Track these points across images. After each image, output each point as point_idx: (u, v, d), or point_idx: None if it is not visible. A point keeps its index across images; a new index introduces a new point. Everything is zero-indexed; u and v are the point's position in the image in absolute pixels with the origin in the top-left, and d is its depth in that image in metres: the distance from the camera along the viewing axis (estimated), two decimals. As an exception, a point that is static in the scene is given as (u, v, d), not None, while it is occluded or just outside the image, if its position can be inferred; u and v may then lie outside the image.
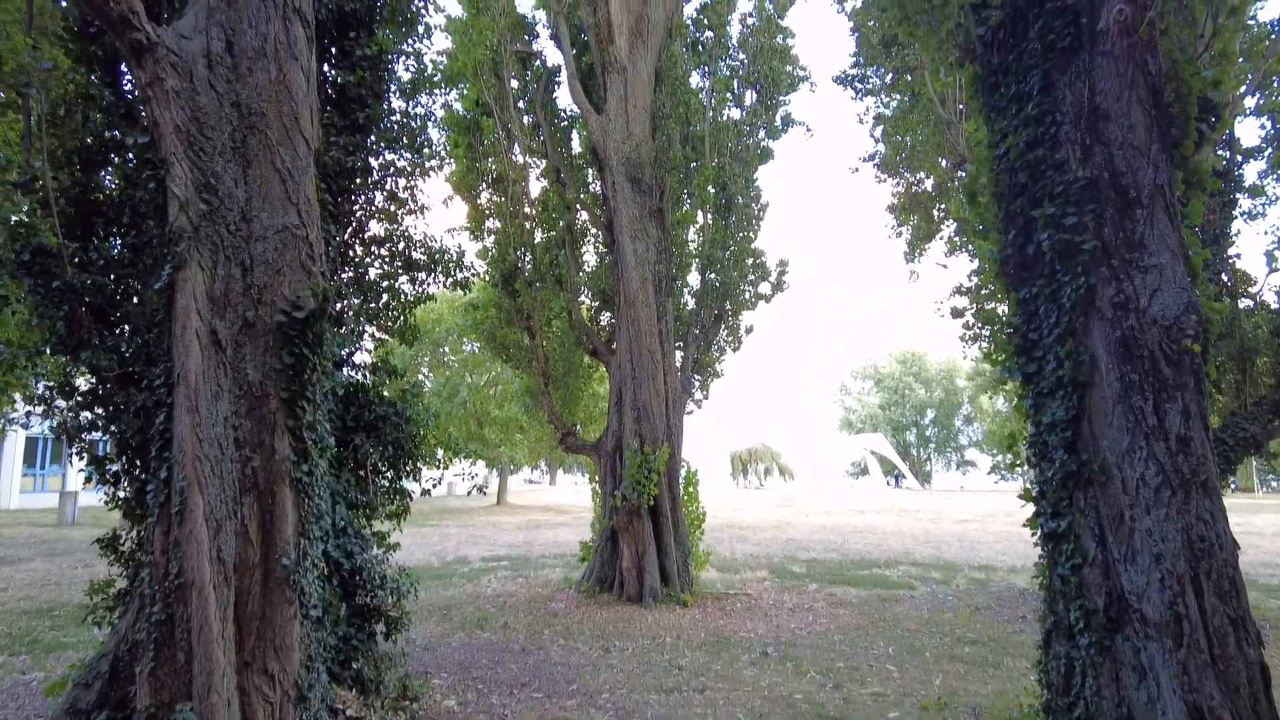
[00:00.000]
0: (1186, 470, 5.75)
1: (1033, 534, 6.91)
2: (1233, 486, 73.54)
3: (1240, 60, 15.72)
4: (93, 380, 8.24)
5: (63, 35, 8.74)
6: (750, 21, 18.65)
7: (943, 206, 21.22)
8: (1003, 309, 8.23)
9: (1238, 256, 17.44)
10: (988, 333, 15.71)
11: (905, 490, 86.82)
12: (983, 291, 16.65)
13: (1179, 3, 7.86)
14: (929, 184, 21.78)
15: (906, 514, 44.09)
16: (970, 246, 17.77)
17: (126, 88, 9.13)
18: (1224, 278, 17.08)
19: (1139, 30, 6.73)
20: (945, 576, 19.17)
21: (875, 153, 22.00)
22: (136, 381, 7.61)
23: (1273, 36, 16.20)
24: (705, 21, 18.70)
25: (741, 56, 18.70)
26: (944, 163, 20.17)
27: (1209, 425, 6.10)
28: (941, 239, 22.04)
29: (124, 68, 8.90)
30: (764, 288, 18.44)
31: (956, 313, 18.89)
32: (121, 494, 7.76)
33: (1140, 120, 6.68)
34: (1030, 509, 6.94)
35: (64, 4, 9.09)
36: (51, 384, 8.17)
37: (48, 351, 8.58)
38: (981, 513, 44.97)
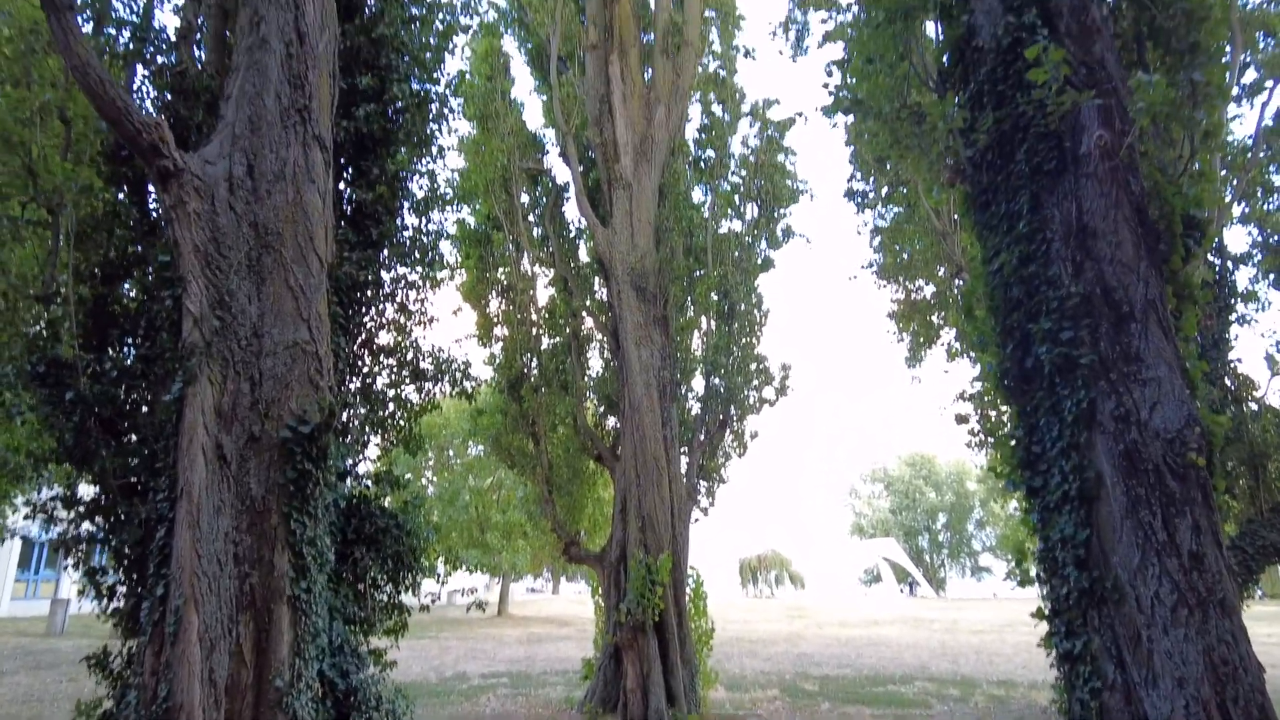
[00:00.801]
0: (1202, 588, 5.62)
1: (1048, 653, 6.70)
2: (1259, 594, 71.13)
3: (1222, 173, 16.27)
4: (96, 490, 8.25)
5: (97, 159, 9.21)
6: (752, 142, 19.52)
7: (942, 314, 21.55)
8: (1005, 418, 8.25)
9: (1239, 361, 17.54)
10: (993, 440, 15.66)
11: (920, 598, 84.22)
12: (985, 399, 16.70)
13: (1156, 127, 8.25)
14: (928, 292, 22.19)
15: (922, 624, 42.62)
16: (971, 353, 17.94)
17: (152, 205, 9.54)
18: (1227, 383, 17.12)
19: (1119, 154, 7.05)
20: (963, 693, 18.38)
21: (874, 261, 22.53)
22: (140, 493, 7.61)
23: (1250, 151, 16.82)
24: (706, 140, 19.57)
25: (742, 173, 19.46)
26: (941, 271, 20.62)
27: (1221, 541, 6.00)
28: (942, 345, 22.27)
29: (151, 187, 9.32)
30: (768, 392, 18.53)
31: (960, 419, 18.85)
32: (116, 605, 7.63)
33: (1128, 237, 6.90)
34: (1044, 627, 6.75)
35: (103, 129, 9.60)
36: (54, 495, 8.17)
37: (54, 461, 8.63)
38: (999, 622, 43.47)
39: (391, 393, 9.87)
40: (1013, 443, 7.20)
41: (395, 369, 9.91)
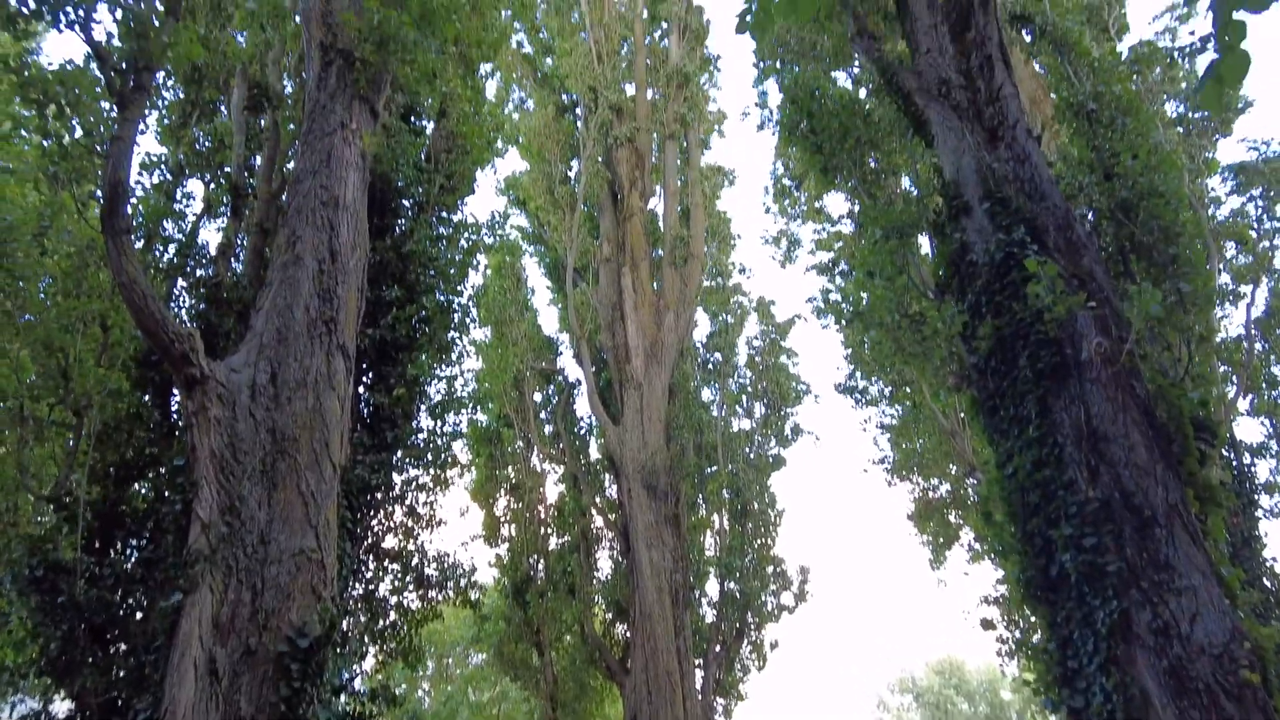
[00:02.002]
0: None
1: None
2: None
3: (1223, 369, 16.54)
4: (72, 708, 7.76)
5: (129, 363, 9.55)
6: (756, 344, 20.23)
7: (959, 513, 21.11)
8: (1034, 625, 7.83)
9: (1275, 560, 16.83)
10: (1025, 649, 14.74)
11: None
12: (1011, 605, 15.93)
13: (1152, 332, 8.51)
14: (943, 490, 21.88)
15: None
16: (993, 556, 17.36)
17: (174, 408, 9.77)
18: (1266, 583, 16.34)
19: (1120, 360, 7.22)
20: None
21: (885, 458, 22.42)
22: (121, 711, 7.16)
23: (1245, 348, 17.17)
24: (714, 344, 20.29)
25: (748, 374, 19.99)
26: (954, 469, 20.44)
27: (1292, 773, 5.47)
28: (962, 545, 21.61)
29: (174, 390, 9.58)
30: (786, 597, 17.79)
31: (987, 624, 17.91)
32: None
33: (1139, 440, 6.89)
34: None
35: (138, 335, 10.04)
36: (27, 715, 7.68)
37: (33, 675, 8.20)
38: None
39: (394, 600, 9.54)
40: (1046, 656, 6.79)
41: (400, 574, 9.64)
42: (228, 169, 11.19)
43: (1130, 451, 6.77)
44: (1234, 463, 16.84)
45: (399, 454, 9.47)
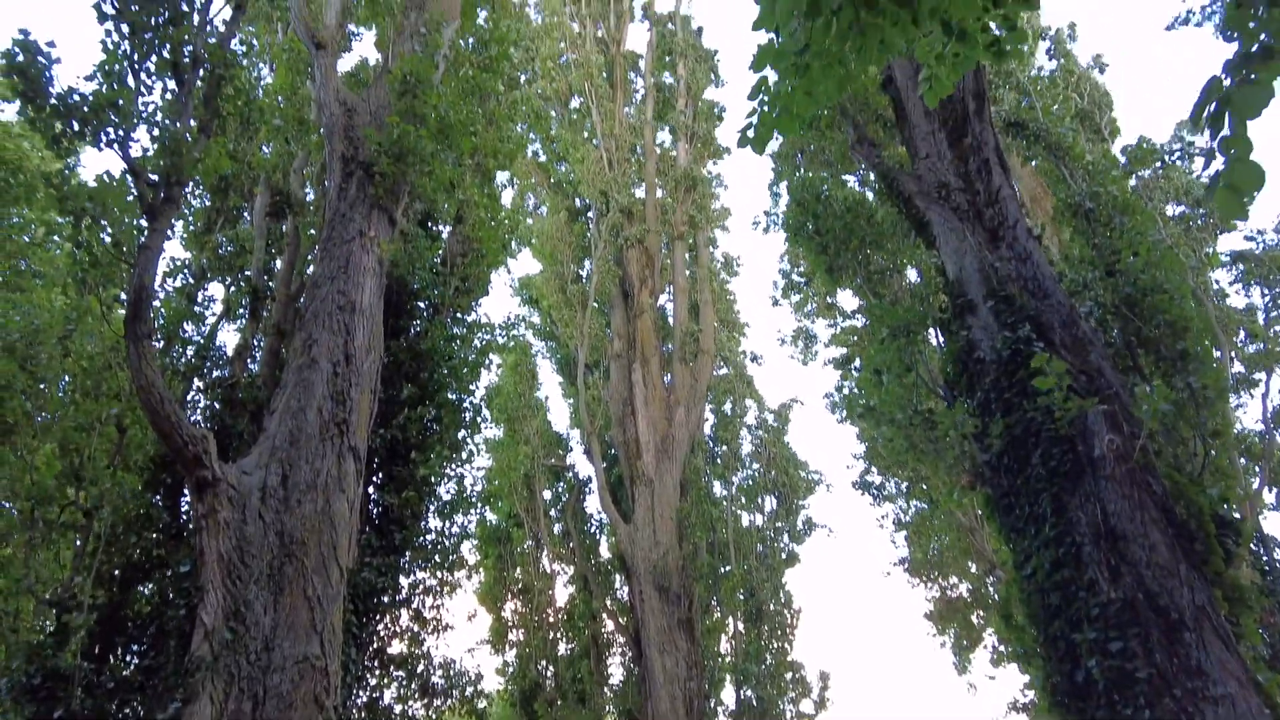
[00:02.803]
0: None
1: None
2: None
3: (1242, 461, 16.24)
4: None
5: (142, 465, 9.60)
6: (759, 434, 20.12)
7: (981, 613, 20.44)
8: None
9: (1316, 666, 16.06)
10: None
11: None
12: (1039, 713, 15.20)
13: (1165, 428, 8.46)
14: (963, 589, 21.26)
15: None
16: (1018, 660, 16.68)
17: (183, 510, 9.74)
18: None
19: (1134, 457, 7.15)
20: None
21: (904, 558, 21.90)
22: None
23: (1265, 440, 16.91)
24: (721, 435, 20.20)
25: (756, 465, 19.83)
26: (974, 568, 19.92)
27: None
28: (985, 648, 20.81)
29: (185, 491, 9.58)
30: (806, 705, 17.04)
31: (1019, 735, 17.06)
32: None
33: (1160, 539, 6.75)
34: None
35: (152, 437, 10.12)
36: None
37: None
38: None
39: (399, 709, 9.22)
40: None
41: (405, 682, 9.35)
42: (248, 272, 11.53)
43: (1151, 551, 6.62)
44: (1265, 560, 16.32)
45: (407, 556, 9.35)
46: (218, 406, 10.23)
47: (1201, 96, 3.42)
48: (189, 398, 10.79)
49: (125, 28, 7.93)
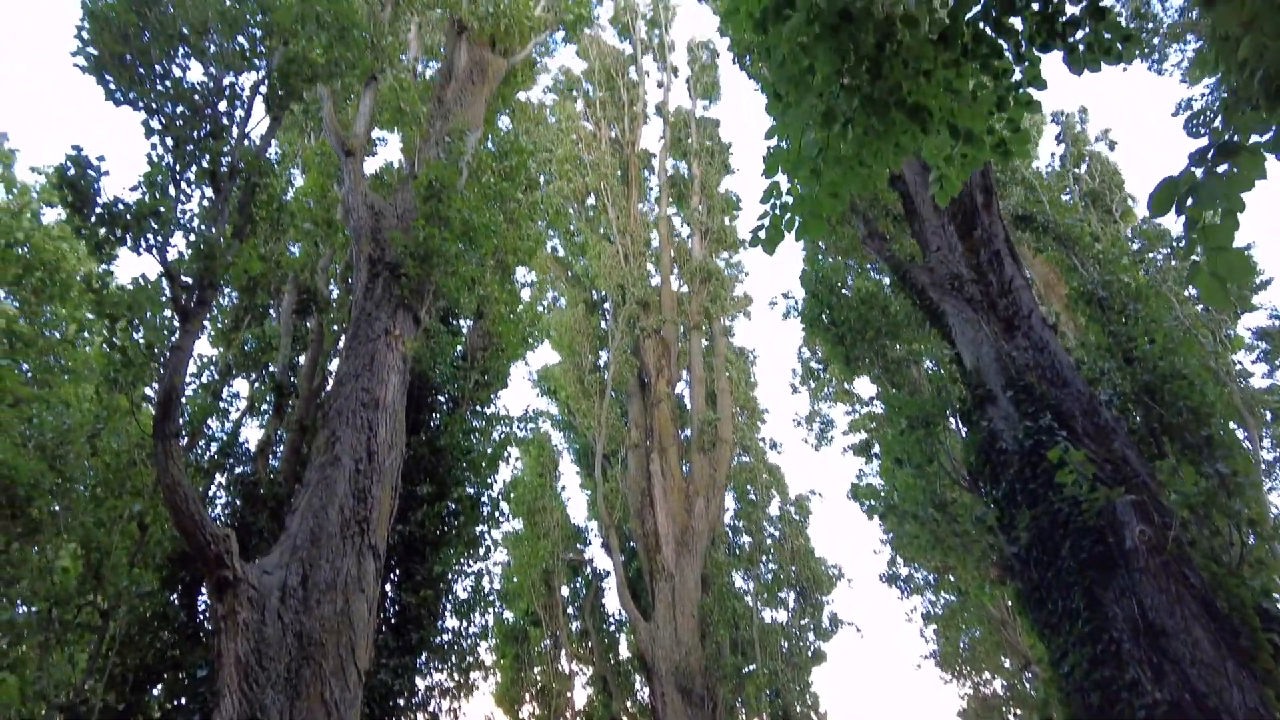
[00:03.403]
0: None
1: None
2: None
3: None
4: None
5: (161, 563, 9.58)
6: (781, 526, 19.82)
7: (1018, 712, 19.51)
8: None
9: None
10: None
11: None
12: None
13: (1197, 517, 8.28)
14: (997, 685, 20.38)
15: None
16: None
17: (201, 608, 9.65)
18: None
19: (1167, 547, 6.98)
20: None
21: (934, 651, 21.13)
22: None
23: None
24: (743, 527, 19.90)
25: (778, 559, 19.46)
26: (1007, 662, 19.15)
27: None
28: (1027, 751, 19.77)
29: (203, 590, 9.52)
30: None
31: None
32: None
33: (1203, 635, 6.52)
34: None
35: (173, 535, 10.13)
36: None
37: None
38: None
39: (412, 823, 8.86)
40: None
41: (419, 793, 9.02)
42: (273, 369, 11.75)
43: (1194, 648, 6.38)
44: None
45: (423, 657, 9.16)
46: (239, 503, 10.27)
47: (1160, 187, 3.55)
48: (211, 494, 10.86)
49: (170, 141, 8.40)
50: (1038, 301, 9.48)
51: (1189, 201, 3.44)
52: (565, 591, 18.41)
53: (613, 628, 18.60)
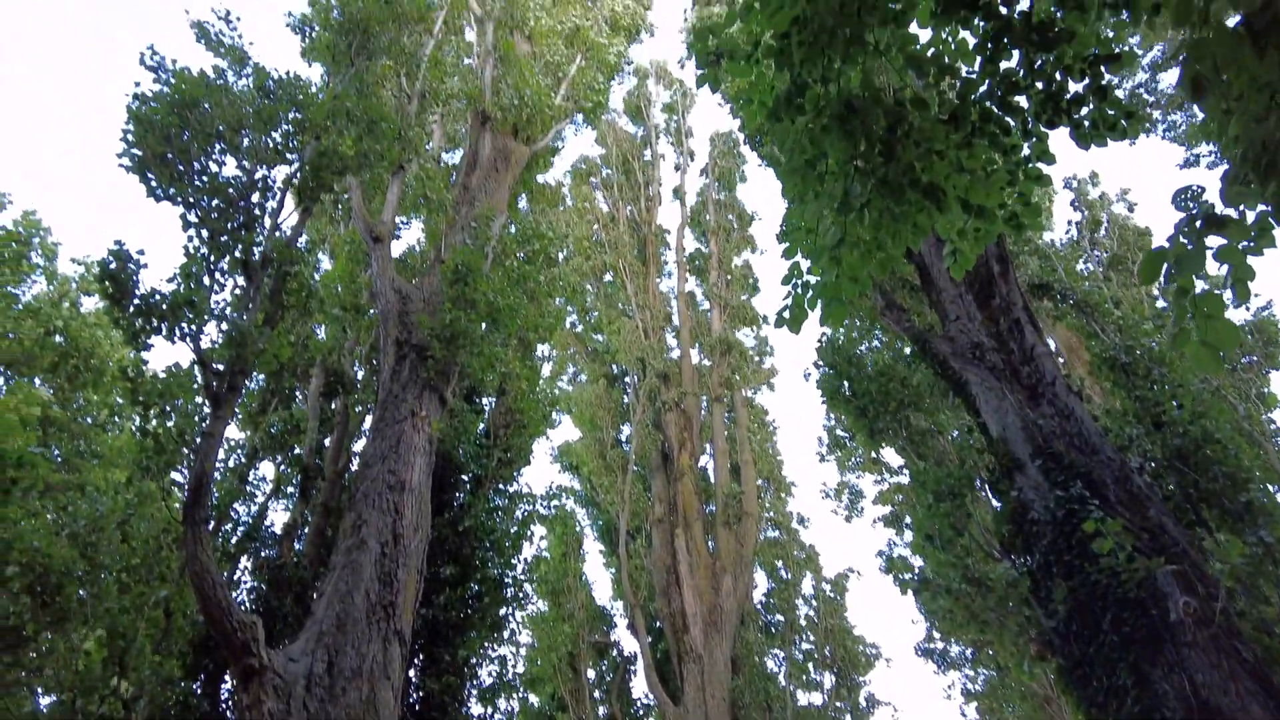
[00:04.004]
0: None
1: None
2: None
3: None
4: None
5: (183, 651, 9.51)
6: (815, 604, 19.32)
7: (1071, 800, 18.49)
8: None
9: None
10: None
11: None
12: None
13: (1244, 586, 8.02)
14: (1046, 770, 19.37)
15: None
16: None
17: (224, 696, 9.52)
18: None
19: (1215, 620, 6.75)
20: None
21: (976, 733, 20.20)
22: None
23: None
24: (774, 605, 19.43)
25: (812, 637, 18.93)
26: (1057, 746, 18.25)
27: None
28: (1082, 841, 18.65)
29: (226, 678, 9.41)
30: None
31: None
32: None
33: (1261, 715, 6.25)
34: None
35: (199, 621, 10.08)
36: None
37: None
38: None
39: None
40: None
41: None
42: (299, 451, 11.86)
43: (1252, 728, 6.11)
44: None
45: (449, 746, 8.95)
46: (264, 588, 10.23)
47: (1147, 258, 3.63)
48: (236, 578, 10.84)
49: (205, 232, 8.74)
50: (1060, 369, 9.44)
51: (1176, 270, 3.53)
52: (591, 675, 17.95)
53: (641, 712, 18.04)
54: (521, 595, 10.66)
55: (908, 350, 12.66)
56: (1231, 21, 3.44)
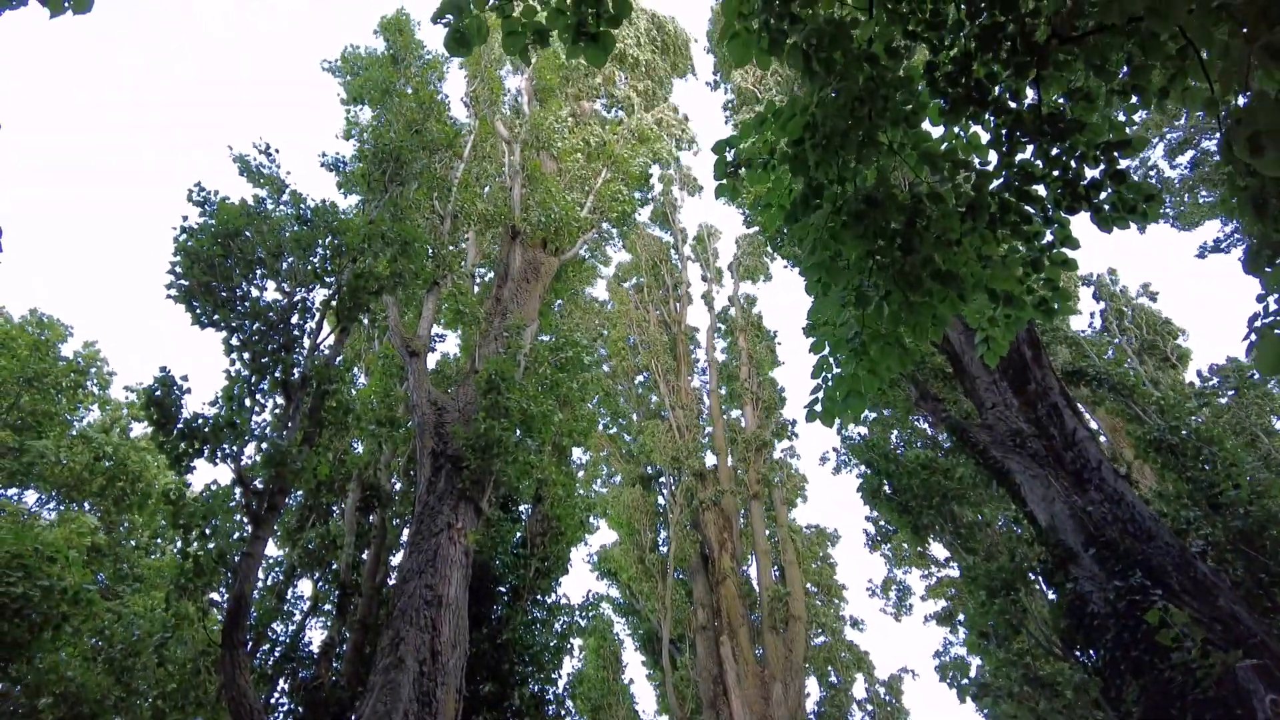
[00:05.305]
0: None
1: None
2: None
3: None
4: None
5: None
6: (869, 709, 18.36)
7: None
8: None
9: None
10: None
11: None
12: None
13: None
14: None
15: None
16: None
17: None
18: None
19: (1303, 721, 6.28)
20: None
21: None
22: None
23: None
24: (827, 713, 18.46)
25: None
26: None
27: None
28: None
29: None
30: None
31: None
32: None
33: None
34: None
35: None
36: None
37: None
38: None
39: None
40: None
41: None
42: (335, 566, 11.81)
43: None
44: None
45: None
46: (301, 710, 10.00)
47: (1264, 342, 3.52)
48: (273, 700, 10.62)
49: (247, 355, 9.05)
50: (1104, 452, 9.18)
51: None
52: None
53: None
54: (564, 713, 10.27)
55: (943, 441, 12.44)
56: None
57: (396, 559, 11.87)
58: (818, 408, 5.00)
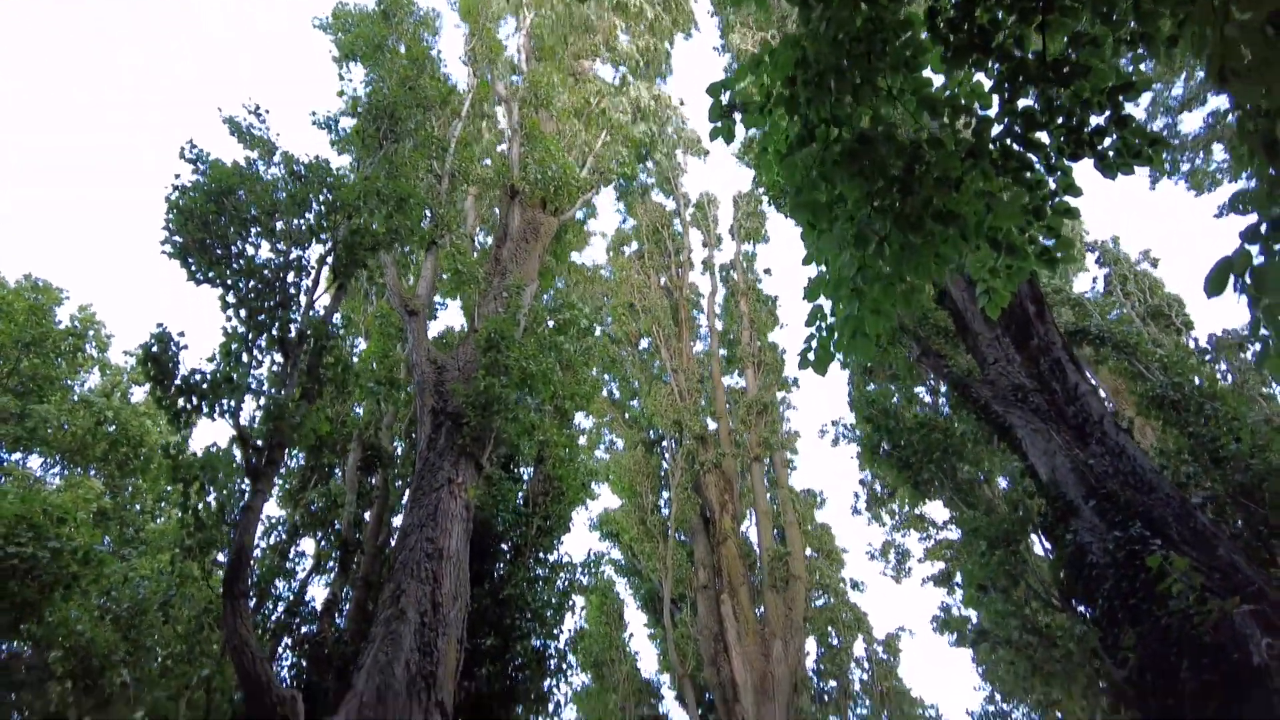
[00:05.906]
0: None
1: None
2: None
3: None
4: None
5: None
6: (869, 666, 18.59)
7: None
8: None
9: None
10: None
11: None
12: None
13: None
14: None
15: None
16: None
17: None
18: None
19: (1301, 665, 6.31)
20: None
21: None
22: None
23: None
24: (826, 671, 18.70)
25: (868, 701, 18.21)
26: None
27: None
28: None
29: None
30: None
31: None
32: None
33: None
34: None
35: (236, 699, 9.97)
36: None
37: None
38: None
39: None
40: None
41: None
42: (338, 526, 11.87)
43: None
44: None
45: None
46: (305, 664, 10.12)
47: (1216, 268, 3.43)
48: (277, 654, 10.74)
49: (243, 312, 9.00)
50: (1106, 407, 9.15)
51: (1258, 286, 3.32)
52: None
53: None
54: (566, 667, 10.38)
55: (943, 405, 12.41)
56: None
57: (399, 520, 11.93)
58: (810, 356, 4.93)
